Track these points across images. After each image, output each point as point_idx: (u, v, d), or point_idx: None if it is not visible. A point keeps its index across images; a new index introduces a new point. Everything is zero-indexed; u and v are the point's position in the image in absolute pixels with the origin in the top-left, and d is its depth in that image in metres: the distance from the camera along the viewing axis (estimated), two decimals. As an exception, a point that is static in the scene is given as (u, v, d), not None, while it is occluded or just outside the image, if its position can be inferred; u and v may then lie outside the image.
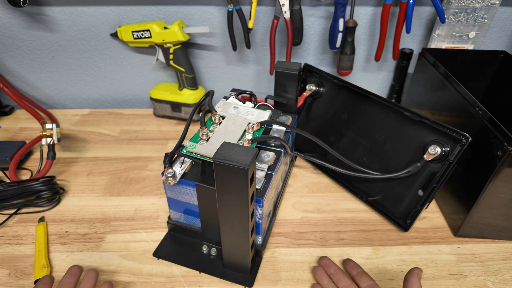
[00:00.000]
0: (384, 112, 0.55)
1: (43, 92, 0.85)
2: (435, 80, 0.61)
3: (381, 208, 0.56)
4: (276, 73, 0.58)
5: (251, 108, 0.55)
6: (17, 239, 0.51)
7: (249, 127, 0.49)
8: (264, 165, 0.47)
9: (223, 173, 0.35)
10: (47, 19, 0.74)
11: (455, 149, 0.46)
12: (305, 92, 0.63)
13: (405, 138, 0.52)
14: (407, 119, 0.51)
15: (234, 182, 0.35)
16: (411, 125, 0.51)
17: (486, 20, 0.71)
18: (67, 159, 0.67)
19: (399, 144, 0.53)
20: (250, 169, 0.34)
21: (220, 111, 0.54)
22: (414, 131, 0.51)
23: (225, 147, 0.36)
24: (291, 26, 0.70)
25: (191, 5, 0.73)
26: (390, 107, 0.53)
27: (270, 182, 0.45)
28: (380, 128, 0.55)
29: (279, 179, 0.54)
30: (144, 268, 0.48)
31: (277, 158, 0.49)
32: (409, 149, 0.51)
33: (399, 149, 0.53)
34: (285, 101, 0.60)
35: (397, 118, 0.53)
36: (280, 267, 0.48)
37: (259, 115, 0.53)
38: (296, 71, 0.56)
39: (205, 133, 0.47)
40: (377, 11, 0.74)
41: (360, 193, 0.59)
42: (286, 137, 0.54)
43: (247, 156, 0.34)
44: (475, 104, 0.49)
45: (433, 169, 0.49)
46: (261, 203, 0.43)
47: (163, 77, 0.84)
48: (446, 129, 0.47)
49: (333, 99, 0.62)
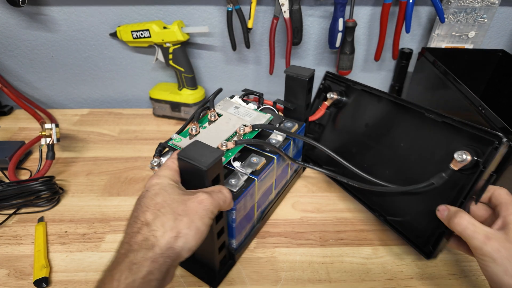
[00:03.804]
0: (406, 115, 0.48)
1: (42, 92, 0.85)
2: (435, 79, 0.61)
3: (400, 229, 0.49)
4: (286, 77, 0.55)
5: (252, 110, 0.54)
6: (17, 239, 0.51)
7: (241, 129, 0.48)
8: (248, 169, 0.46)
9: (185, 171, 0.36)
10: (46, 19, 0.74)
11: (486, 153, 0.37)
12: (327, 101, 0.59)
13: (429, 144, 0.44)
14: (430, 122, 0.44)
15: (195, 181, 0.36)
16: (435, 129, 0.44)
17: (485, 19, 0.71)
18: (67, 159, 0.67)
19: (423, 153, 0.45)
20: (210, 170, 0.34)
21: (219, 109, 0.53)
22: (439, 135, 0.43)
23: (194, 145, 0.36)
24: (290, 25, 0.70)
25: (191, 5, 0.73)
26: (409, 108, 0.47)
27: (250, 188, 0.44)
28: (404, 135, 0.48)
29: (270, 186, 0.52)
30: (143, 268, 0.47)
31: (267, 164, 0.48)
32: (435, 157, 0.43)
33: (424, 159, 0.45)
34: (292, 107, 0.57)
35: (419, 121, 0.45)
36: (279, 267, 0.48)
37: (256, 118, 0.52)
38: (305, 77, 0.53)
39: (194, 128, 0.47)
40: (376, 10, 0.74)
41: (378, 211, 0.52)
42: (285, 144, 0.52)
43: (210, 157, 0.34)
44: (477, 102, 0.49)
45: (462, 180, 0.40)
46: (234, 208, 0.42)
47: (163, 77, 0.84)
48: (474, 130, 0.39)
49: (356, 107, 0.56)
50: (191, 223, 0.31)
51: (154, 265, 0.28)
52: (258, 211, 0.50)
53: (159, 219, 0.30)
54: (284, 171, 0.55)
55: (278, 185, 0.55)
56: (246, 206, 0.45)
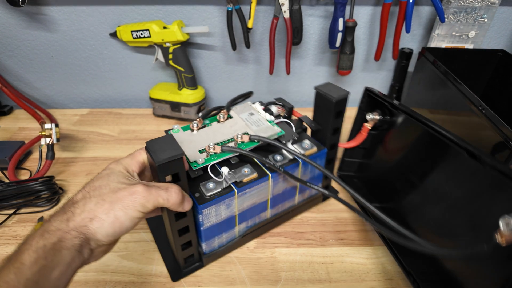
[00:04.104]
0: (451, 154, 0.39)
1: (42, 92, 0.84)
2: (435, 79, 0.61)
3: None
4: (316, 94, 0.49)
5: (264, 120, 0.49)
6: (16, 239, 0.51)
7: (238, 136, 0.45)
8: (232, 179, 0.43)
9: (149, 161, 0.38)
10: (46, 19, 0.74)
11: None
12: (368, 124, 0.51)
13: (481, 200, 0.35)
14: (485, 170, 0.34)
15: (154, 174, 0.37)
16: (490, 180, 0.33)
17: (485, 19, 0.71)
18: (66, 159, 0.67)
19: (474, 208, 0.36)
20: (164, 166, 0.34)
21: (234, 111, 0.51)
22: (493, 190, 0.33)
23: (164, 139, 0.37)
24: (290, 25, 0.70)
25: (191, 5, 0.73)
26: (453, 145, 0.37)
27: (226, 197, 0.42)
28: (450, 178, 0.39)
29: (263, 204, 0.48)
30: (143, 268, 0.47)
31: (257, 179, 0.44)
32: (485, 217, 0.34)
33: (472, 213, 0.36)
34: (315, 128, 0.50)
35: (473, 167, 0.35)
36: (279, 267, 0.48)
37: (263, 129, 0.48)
38: (333, 98, 0.46)
39: (196, 124, 0.47)
40: (376, 10, 0.74)
41: (412, 272, 0.42)
42: (290, 164, 0.46)
43: (168, 154, 0.34)
44: (477, 102, 0.49)
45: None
46: (200, 211, 0.41)
47: (163, 77, 0.84)
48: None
49: (400, 132, 0.48)
50: (110, 210, 0.32)
51: (66, 235, 0.30)
52: (242, 225, 0.48)
53: (84, 201, 0.32)
54: (288, 193, 0.50)
55: (277, 206, 0.51)
56: (220, 214, 0.43)
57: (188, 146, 0.45)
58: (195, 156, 0.43)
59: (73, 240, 0.30)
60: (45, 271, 0.28)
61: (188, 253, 0.45)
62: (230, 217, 0.45)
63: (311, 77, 0.84)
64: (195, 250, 0.46)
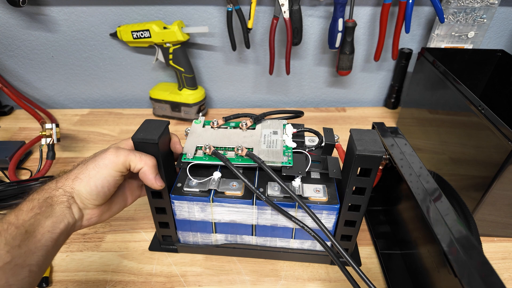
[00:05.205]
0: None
1: (42, 92, 0.85)
2: (434, 79, 0.62)
3: None
4: (349, 138, 0.40)
5: (281, 145, 0.44)
6: (17, 239, 0.51)
7: (239, 149, 0.42)
8: (215, 185, 0.42)
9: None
10: (47, 19, 0.74)
11: None
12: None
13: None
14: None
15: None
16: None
17: (485, 20, 0.71)
18: (67, 159, 0.67)
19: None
20: (138, 144, 0.40)
21: (262, 124, 0.48)
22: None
23: (151, 121, 0.42)
24: (290, 26, 0.70)
25: (191, 5, 0.73)
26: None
27: (200, 200, 0.42)
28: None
29: (243, 227, 0.45)
30: (144, 268, 0.48)
31: (237, 198, 0.42)
32: None
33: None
34: (332, 175, 0.42)
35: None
36: (280, 266, 0.48)
37: (271, 153, 0.43)
38: (357, 151, 0.36)
39: (215, 122, 0.48)
40: (376, 11, 0.74)
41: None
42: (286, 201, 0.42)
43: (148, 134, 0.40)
44: (477, 102, 0.49)
45: None
46: (172, 201, 0.43)
47: (163, 77, 0.84)
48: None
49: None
50: (86, 170, 0.37)
51: (54, 192, 0.35)
52: (220, 236, 0.47)
53: (74, 170, 0.38)
54: (282, 231, 0.45)
55: (265, 237, 0.46)
56: (194, 214, 0.44)
57: (195, 138, 0.46)
58: (191, 150, 0.44)
59: (61, 197, 0.35)
60: (39, 217, 0.33)
61: (166, 233, 0.48)
62: (206, 221, 0.45)
63: (311, 77, 0.84)
64: (174, 234, 0.48)
